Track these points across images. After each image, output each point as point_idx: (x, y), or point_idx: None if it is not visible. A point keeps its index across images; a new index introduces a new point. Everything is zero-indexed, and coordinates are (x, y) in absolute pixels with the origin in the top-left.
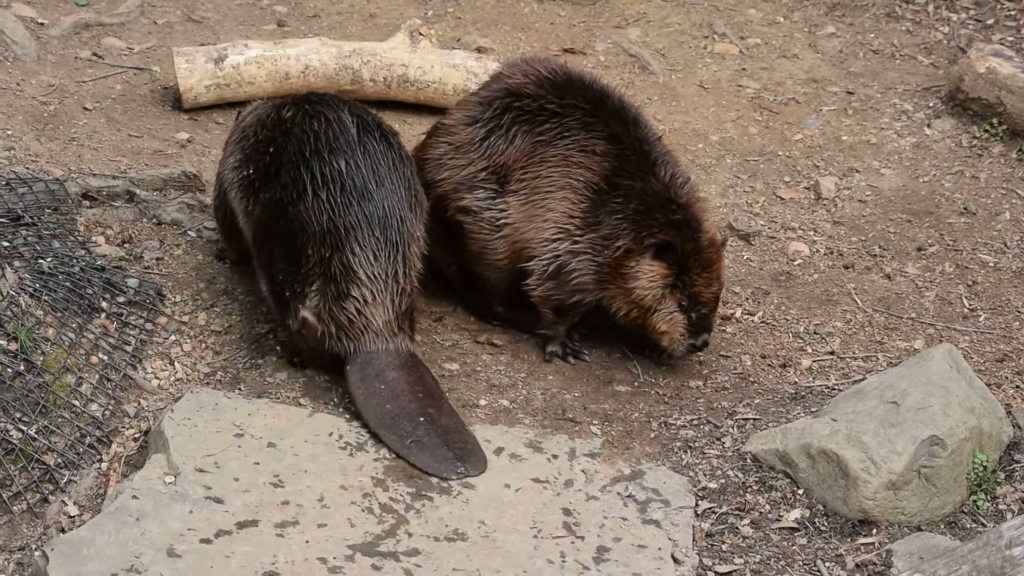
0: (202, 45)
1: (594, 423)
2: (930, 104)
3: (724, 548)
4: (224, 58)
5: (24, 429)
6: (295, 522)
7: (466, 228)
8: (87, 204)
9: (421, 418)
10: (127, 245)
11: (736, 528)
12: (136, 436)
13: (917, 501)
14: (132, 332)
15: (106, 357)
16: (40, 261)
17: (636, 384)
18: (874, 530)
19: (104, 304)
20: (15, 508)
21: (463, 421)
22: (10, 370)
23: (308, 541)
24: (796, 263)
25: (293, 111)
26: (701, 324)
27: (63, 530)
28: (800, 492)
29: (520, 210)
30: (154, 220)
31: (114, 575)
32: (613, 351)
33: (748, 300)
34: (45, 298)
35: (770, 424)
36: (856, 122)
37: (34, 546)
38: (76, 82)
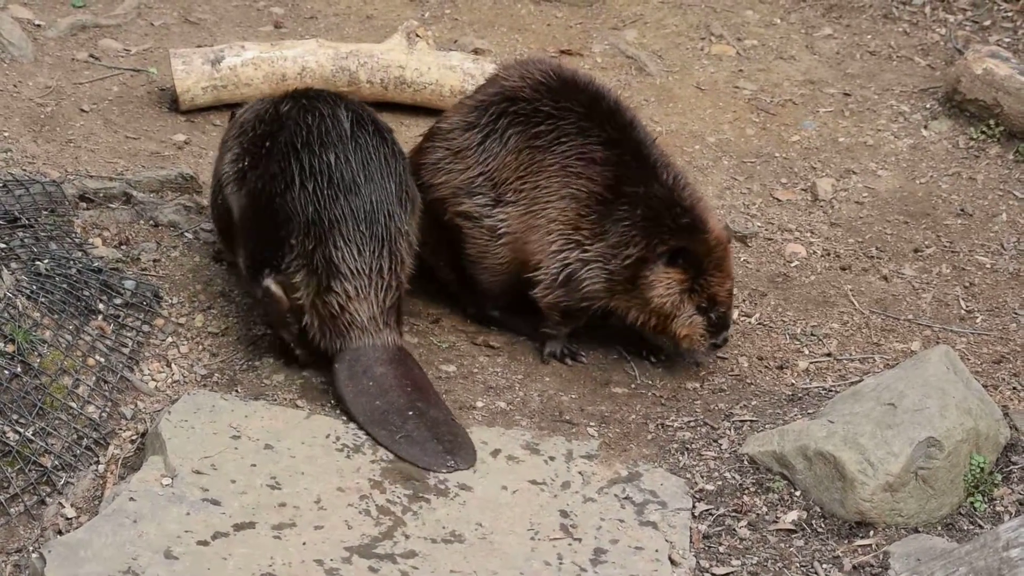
0: (199, 47)
1: (591, 425)
2: (927, 105)
3: (721, 550)
4: (221, 60)
5: (21, 431)
6: (292, 524)
7: (465, 233)
8: (84, 206)
9: (410, 412)
10: (124, 247)
11: (733, 530)
12: (133, 438)
13: (914, 503)
14: (129, 334)
15: (103, 359)
16: (37, 263)
17: (633, 386)
18: (871, 532)
19: (101, 306)
20: (12, 510)
21: (452, 412)
22: (7, 372)
23: (305, 543)
24: (793, 265)
25: (290, 105)
26: (720, 322)
27: (60, 532)
28: (797, 494)
29: (521, 220)
30: (151, 222)
31: None
32: (610, 353)
33: (745, 302)
34: (42, 300)
35: (767, 426)
36: (853, 123)
37: (31, 548)
38: (73, 84)
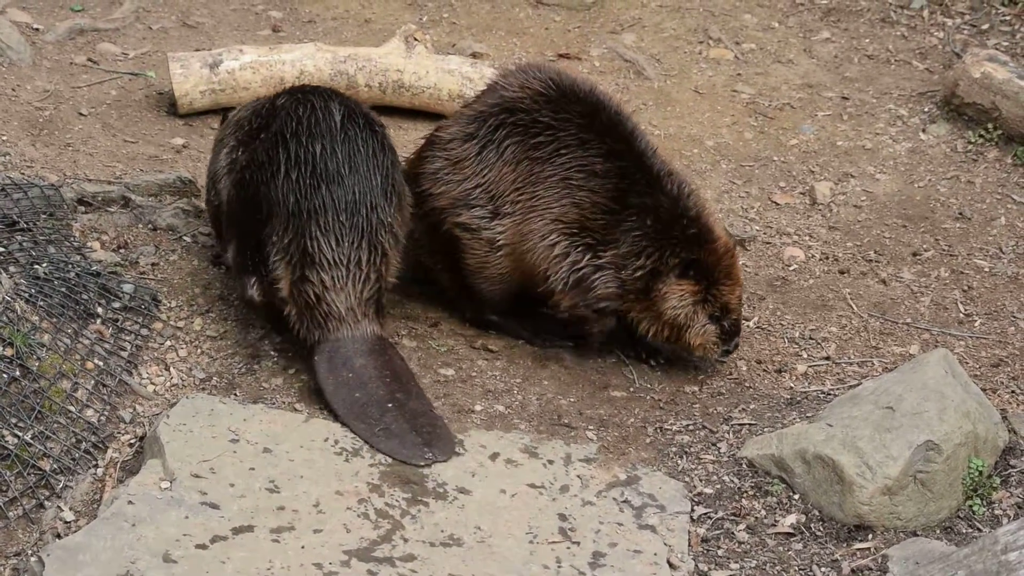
0: (197, 51)
1: (590, 428)
2: (925, 109)
3: (720, 553)
4: (219, 63)
5: (20, 435)
6: (291, 527)
7: (464, 243)
8: (82, 209)
9: (389, 404)
10: (122, 251)
11: (732, 533)
12: (132, 442)
13: (913, 506)
14: (128, 338)
15: (102, 363)
16: (36, 267)
17: (632, 389)
18: (870, 535)
19: (99, 309)
20: (11, 514)
21: (431, 403)
22: (5, 376)
23: (304, 546)
24: (792, 268)
25: (286, 99)
26: (733, 330)
27: (59, 535)
28: (796, 497)
29: (523, 233)
30: (149, 226)
31: None
32: (608, 356)
33: (744, 305)
34: (41, 303)
35: (766, 429)
36: (851, 127)
37: (30, 551)
38: (71, 87)
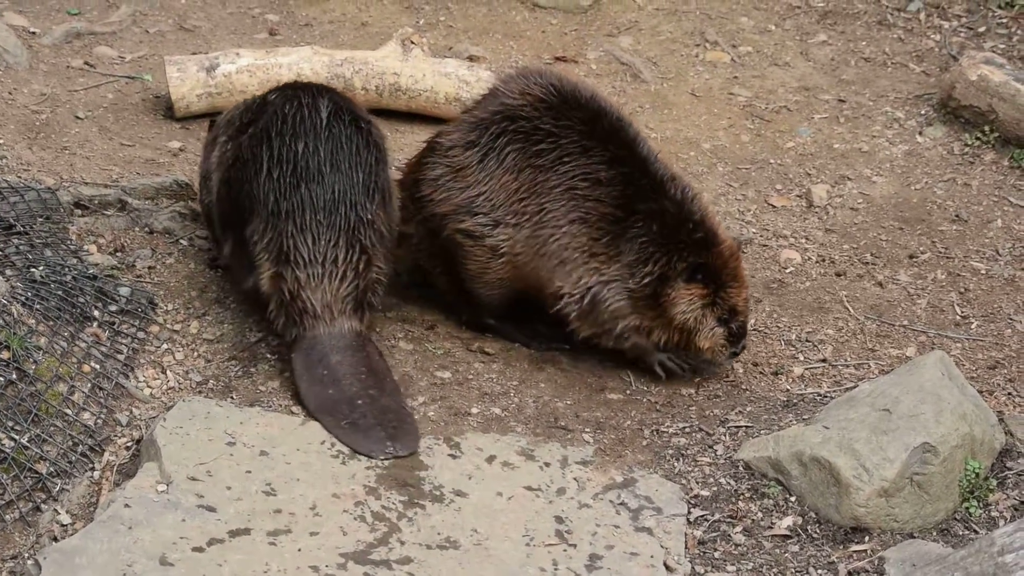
0: (194, 54)
1: (586, 431)
2: (922, 112)
3: (716, 555)
4: (216, 67)
5: (16, 438)
6: (287, 530)
7: (466, 250)
8: (79, 213)
9: (360, 401)
10: (119, 254)
11: (728, 536)
12: (128, 445)
13: (909, 508)
14: (124, 341)
15: (98, 366)
16: (32, 270)
17: (628, 392)
18: (866, 537)
19: (96, 313)
20: (7, 517)
21: (404, 400)
22: (2, 379)
23: (300, 549)
24: (788, 271)
25: (276, 95)
26: (740, 331)
27: (55, 539)
28: (792, 499)
29: (527, 243)
30: (146, 229)
31: None
32: (605, 359)
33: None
34: (37, 307)
35: (762, 432)
36: (848, 130)
37: (27, 555)
38: (68, 91)
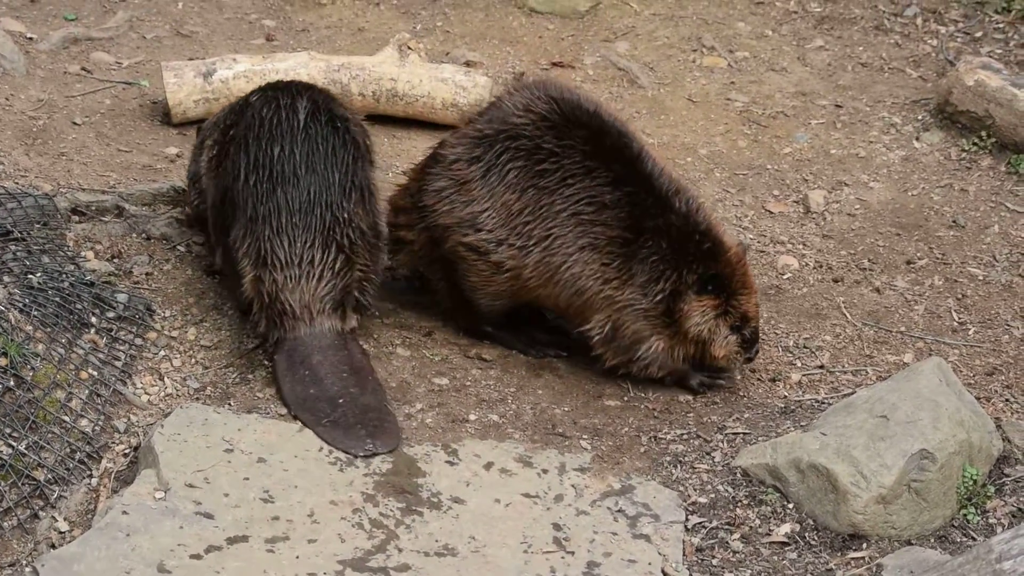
0: (191, 59)
1: (584, 438)
2: (919, 117)
3: (714, 563)
4: (213, 72)
5: (14, 445)
6: (285, 537)
7: (470, 263)
8: (76, 219)
9: (341, 400)
10: (116, 260)
11: (726, 542)
12: (126, 452)
13: (907, 515)
14: (122, 347)
15: (96, 372)
16: (29, 276)
17: (626, 399)
18: (864, 544)
19: (94, 319)
20: (5, 524)
21: (386, 399)
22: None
23: (298, 556)
24: (785, 277)
25: (257, 97)
26: (753, 337)
27: (53, 546)
28: (790, 506)
29: (539, 269)
30: (143, 235)
31: None
32: (602, 365)
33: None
34: (35, 313)
35: (760, 438)
36: (845, 135)
37: (24, 562)
38: (65, 97)
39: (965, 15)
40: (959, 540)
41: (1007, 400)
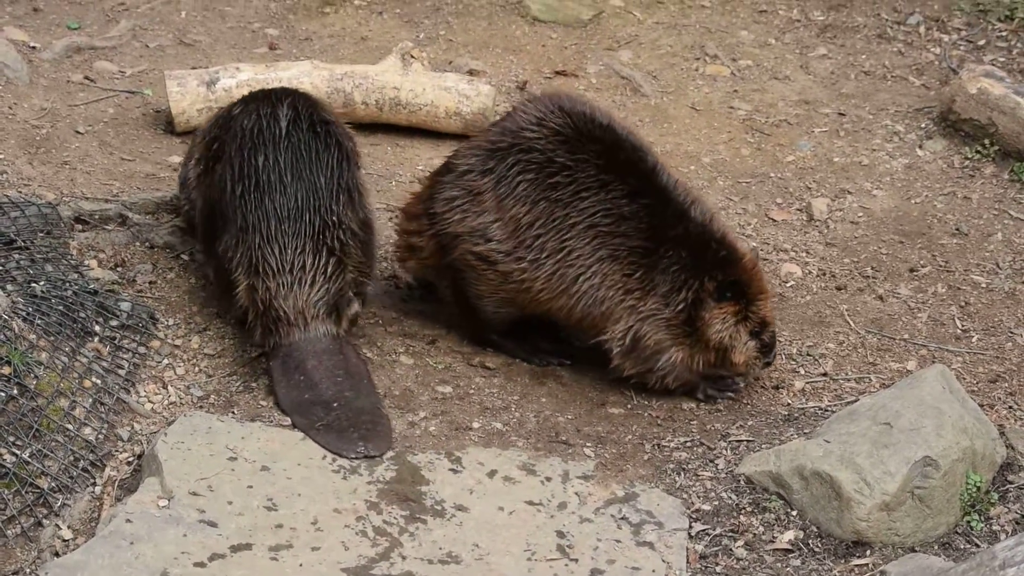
0: (194, 68)
1: (587, 445)
2: (922, 125)
3: (718, 570)
4: (216, 81)
5: (18, 453)
6: (289, 545)
7: (479, 272)
8: (80, 228)
9: (335, 403)
10: (120, 269)
11: (730, 550)
12: (130, 460)
13: (911, 522)
14: (125, 356)
15: (99, 381)
16: (33, 285)
17: (629, 406)
18: (868, 551)
19: (97, 328)
20: (9, 532)
21: (380, 402)
22: (3, 394)
23: (302, 564)
24: (789, 285)
25: (240, 108)
26: (771, 342)
27: (57, 554)
28: (794, 514)
29: (552, 281)
30: (147, 244)
31: None
32: (606, 373)
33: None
34: (38, 322)
35: (763, 446)
36: (848, 143)
37: (28, 570)
38: (68, 105)
39: (968, 23)
40: (963, 547)
41: (1010, 407)
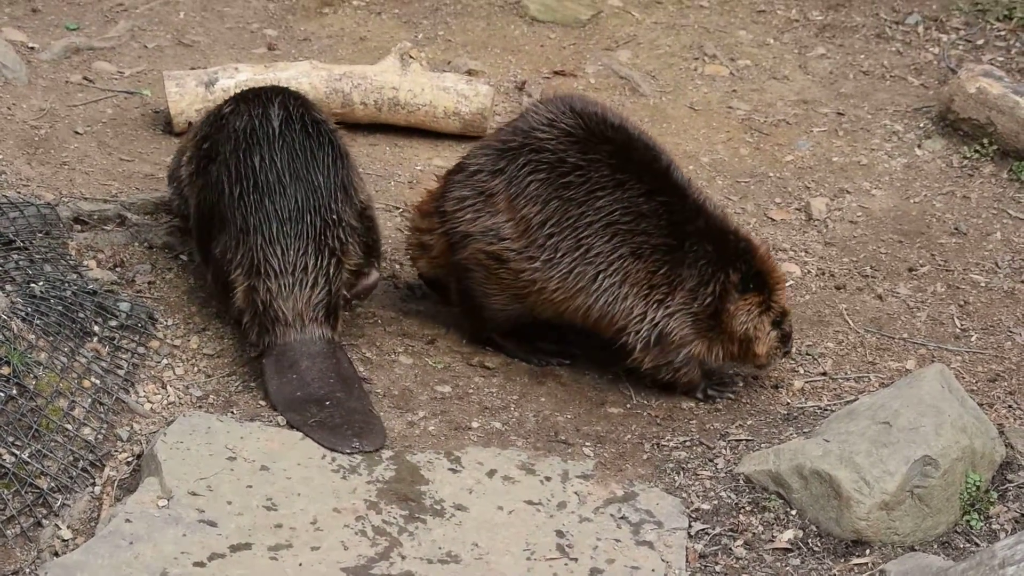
0: (192, 69)
1: (587, 445)
2: (920, 125)
3: (718, 569)
4: (215, 82)
5: (17, 453)
6: (288, 545)
7: (491, 271)
8: (78, 228)
9: (327, 402)
10: (119, 269)
11: (729, 549)
12: (129, 460)
13: (910, 521)
14: (124, 356)
15: (98, 381)
16: (32, 285)
17: (628, 406)
18: (867, 551)
19: (96, 328)
20: (8, 532)
21: (372, 404)
22: (2, 394)
23: (301, 564)
24: (788, 284)
25: (231, 108)
26: (790, 331)
27: (57, 554)
28: (793, 513)
29: (568, 280)
30: (145, 244)
31: None
32: (605, 372)
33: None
34: (37, 322)
35: (763, 445)
36: (847, 143)
37: (28, 570)
38: (67, 106)
39: (967, 23)
40: (962, 546)
41: (1010, 406)
